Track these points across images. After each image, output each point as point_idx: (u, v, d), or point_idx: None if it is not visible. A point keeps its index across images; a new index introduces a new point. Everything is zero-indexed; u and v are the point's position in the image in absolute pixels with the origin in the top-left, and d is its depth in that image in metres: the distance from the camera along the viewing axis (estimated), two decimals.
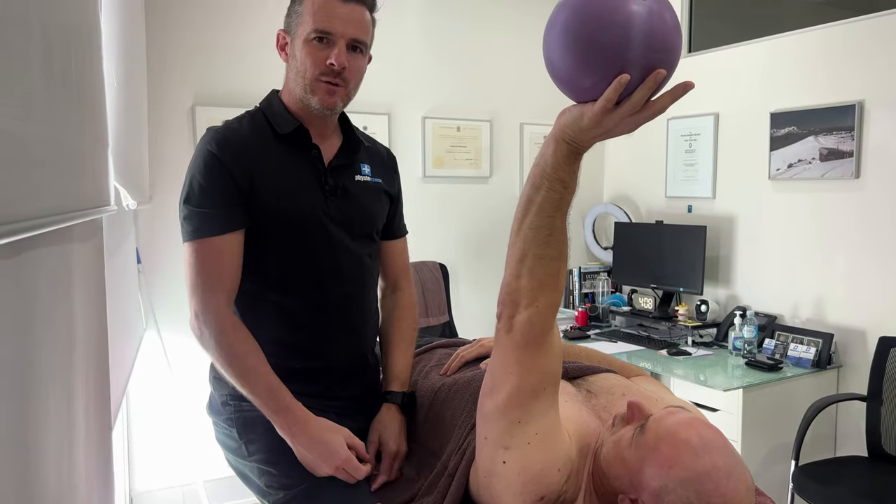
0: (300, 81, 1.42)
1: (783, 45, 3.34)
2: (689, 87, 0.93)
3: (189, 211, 1.38)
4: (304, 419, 1.36)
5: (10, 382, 0.64)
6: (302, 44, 1.39)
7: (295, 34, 1.42)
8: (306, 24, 1.39)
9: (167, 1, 3.13)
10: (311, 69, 1.39)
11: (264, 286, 1.44)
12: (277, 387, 1.36)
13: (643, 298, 3.95)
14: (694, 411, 1.17)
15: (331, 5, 1.38)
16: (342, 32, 1.38)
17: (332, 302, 1.48)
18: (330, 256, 1.46)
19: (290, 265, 1.44)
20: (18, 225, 0.59)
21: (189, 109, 3.21)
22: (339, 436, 1.37)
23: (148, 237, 3.14)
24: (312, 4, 1.39)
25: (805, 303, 3.26)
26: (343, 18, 1.38)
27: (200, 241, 1.36)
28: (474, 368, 1.47)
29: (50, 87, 0.76)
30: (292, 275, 1.45)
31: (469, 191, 4.00)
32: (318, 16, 1.38)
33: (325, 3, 1.38)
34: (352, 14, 1.40)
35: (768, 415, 2.90)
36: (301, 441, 1.35)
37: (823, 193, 3.17)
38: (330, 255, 1.46)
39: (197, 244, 1.37)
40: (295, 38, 1.42)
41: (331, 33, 1.38)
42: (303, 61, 1.40)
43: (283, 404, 1.36)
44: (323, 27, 1.37)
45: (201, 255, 1.36)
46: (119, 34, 1.77)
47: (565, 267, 1.08)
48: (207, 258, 1.36)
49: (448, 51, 3.86)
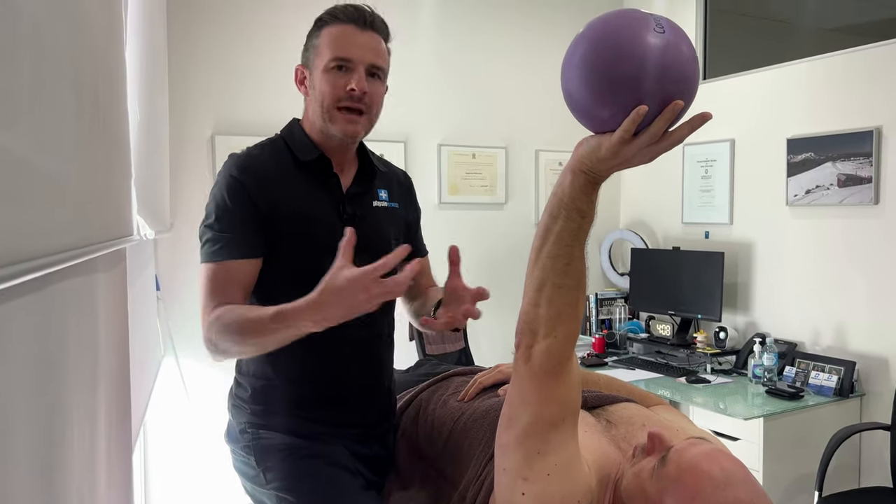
0: (319, 111, 1.44)
1: (798, 71, 3.34)
2: (706, 118, 0.94)
3: (211, 234, 1.39)
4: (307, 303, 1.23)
5: (38, 411, 0.65)
6: (321, 73, 1.42)
7: (313, 66, 1.44)
8: (324, 54, 1.41)
9: (188, 33, 3.20)
10: (329, 96, 1.41)
11: None
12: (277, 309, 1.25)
13: (661, 325, 3.92)
14: (716, 443, 1.16)
15: (349, 34, 1.41)
16: (361, 59, 1.41)
17: (348, 329, 1.49)
18: None
19: (307, 292, 1.45)
20: (49, 259, 0.60)
21: (209, 138, 3.26)
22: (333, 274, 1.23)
23: (167, 265, 3.17)
24: (330, 35, 1.42)
25: (826, 330, 3.22)
26: (361, 46, 1.41)
27: (217, 263, 1.38)
28: (493, 396, 1.46)
29: (80, 124, 0.78)
30: None
31: (484, 217, 4.01)
32: (336, 44, 1.41)
33: (342, 32, 1.41)
34: (369, 42, 1.43)
35: (790, 444, 2.85)
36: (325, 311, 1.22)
37: (842, 219, 3.14)
38: None
39: (213, 266, 1.38)
40: (314, 70, 1.44)
41: (350, 60, 1.40)
42: (321, 90, 1.42)
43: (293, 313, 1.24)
44: (342, 54, 1.40)
45: (216, 277, 1.37)
46: (143, 67, 1.81)
47: (584, 296, 1.08)
48: (221, 280, 1.37)
49: (463, 79, 3.89)
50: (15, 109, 0.54)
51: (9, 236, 0.52)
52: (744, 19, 4.14)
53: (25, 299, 0.61)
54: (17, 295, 0.59)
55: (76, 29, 0.77)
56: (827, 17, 3.71)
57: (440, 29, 3.81)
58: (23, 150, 0.56)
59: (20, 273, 0.52)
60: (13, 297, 0.57)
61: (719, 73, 3.79)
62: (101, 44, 0.94)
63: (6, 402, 0.57)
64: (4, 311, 0.56)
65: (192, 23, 3.21)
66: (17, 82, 0.55)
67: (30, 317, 0.64)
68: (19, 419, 0.60)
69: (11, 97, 0.54)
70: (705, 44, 3.93)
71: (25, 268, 0.53)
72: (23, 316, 0.61)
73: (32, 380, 0.64)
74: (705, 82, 3.82)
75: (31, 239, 0.58)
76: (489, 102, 3.98)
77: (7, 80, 0.53)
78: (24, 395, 0.62)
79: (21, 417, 0.60)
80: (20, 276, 0.52)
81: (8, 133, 0.52)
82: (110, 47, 1.01)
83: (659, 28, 0.92)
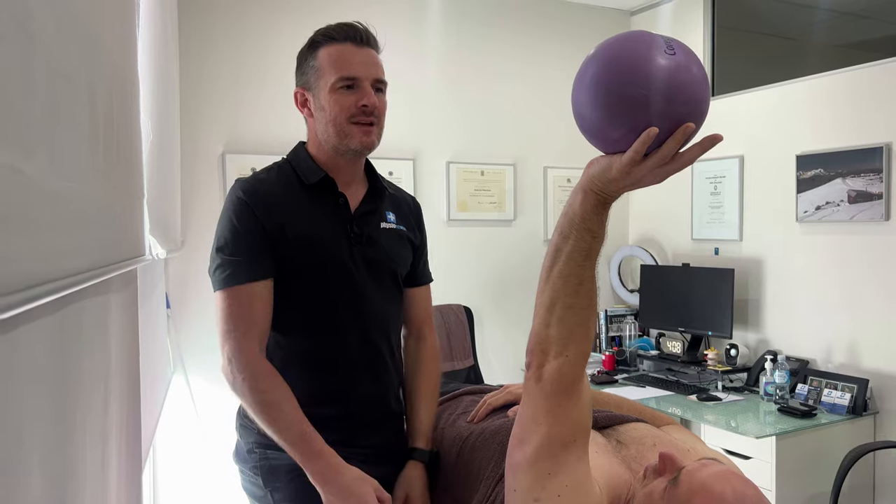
0: (332, 129, 1.45)
1: (807, 87, 3.34)
2: (717, 139, 0.94)
3: (221, 259, 1.40)
4: (337, 467, 1.36)
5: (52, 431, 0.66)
6: (328, 94, 1.43)
7: (316, 88, 1.46)
8: (328, 75, 1.44)
9: (199, 52, 3.23)
10: (342, 114, 1.43)
11: (287, 333, 1.46)
12: (310, 433, 1.36)
13: (671, 342, 3.90)
14: (727, 463, 1.15)
15: (349, 53, 1.44)
16: (366, 75, 1.44)
17: (356, 349, 1.49)
18: (354, 304, 1.48)
19: (314, 312, 1.46)
20: (64, 282, 0.61)
21: (219, 157, 3.29)
22: (370, 487, 1.36)
23: (177, 282, 3.19)
24: (329, 55, 1.44)
25: (838, 347, 3.20)
26: (364, 63, 1.45)
27: (233, 288, 1.39)
28: (502, 416, 1.46)
29: (94, 145, 0.79)
30: (316, 322, 1.46)
31: (493, 234, 4.01)
32: (339, 65, 1.43)
33: (341, 51, 1.44)
34: (370, 58, 1.46)
35: (803, 463, 2.82)
36: (332, 489, 1.34)
37: (853, 236, 3.13)
38: (354, 302, 1.48)
39: (229, 291, 1.39)
40: (318, 91, 1.46)
41: (356, 78, 1.43)
42: (332, 110, 1.44)
43: (316, 450, 1.35)
44: (348, 74, 1.43)
45: (234, 302, 1.38)
46: (155, 86, 1.83)
47: (595, 316, 1.08)
48: (240, 304, 1.38)
49: (471, 96, 3.91)
50: (31, 134, 0.55)
51: (24, 260, 0.53)
52: (751, 36, 4.16)
53: (40, 322, 0.62)
54: (33, 318, 0.59)
55: (90, 50, 0.78)
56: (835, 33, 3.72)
57: (449, 47, 3.84)
58: (38, 174, 0.57)
59: (36, 297, 0.53)
60: (29, 321, 0.58)
61: (728, 90, 3.79)
62: (115, 64, 0.95)
63: (21, 422, 0.57)
64: (21, 333, 0.56)
65: (203, 42, 3.24)
66: (33, 107, 0.56)
67: (44, 338, 0.64)
68: (34, 439, 0.60)
69: (27, 122, 0.54)
70: (713, 61, 3.94)
71: (41, 291, 0.54)
72: (38, 338, 0.62)
73: (47, 401, 0.65)
74: (713, 99, 3.82)
75: (47, 261, 0.59)
76: (497, 119, 3.99)
77: (23, 106, 0.53)
78: (39, 416, 0.62)
79: (36, 437, 0.61)
80: (36, 299, 0.53)
81: (24, 157, 0.53)
82: (124, 67, 1.02)
83: (669, 50, 0.92)
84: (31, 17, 0.55)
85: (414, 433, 1.55)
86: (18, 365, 0.56)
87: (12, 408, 0.55)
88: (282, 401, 1.36)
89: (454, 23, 3.85)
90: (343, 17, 1.56)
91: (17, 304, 0.49)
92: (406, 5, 3.71)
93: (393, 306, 1.58)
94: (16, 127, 0.52)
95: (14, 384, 0.55)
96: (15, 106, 0.51)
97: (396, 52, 3.64)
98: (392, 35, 3.71)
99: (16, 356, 0.56)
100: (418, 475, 1.49)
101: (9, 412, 0.54)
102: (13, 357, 0.55)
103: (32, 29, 0.56)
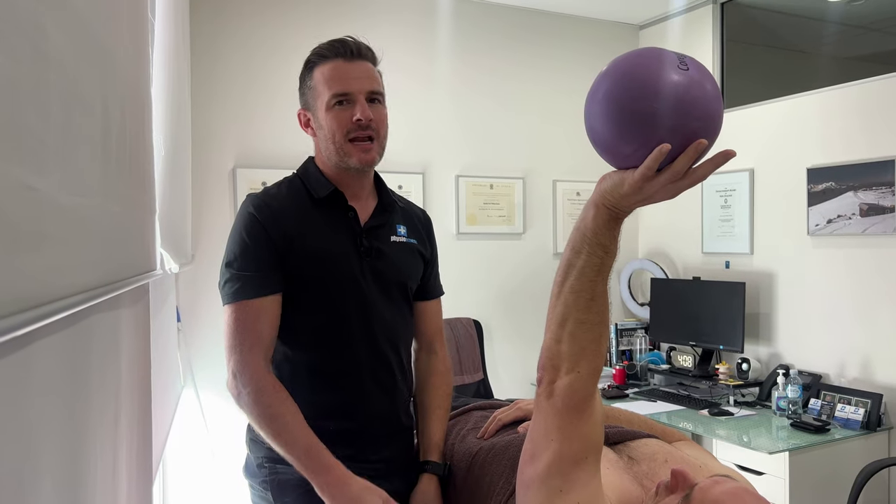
0: (332, 147, 1.46)
1: (817, 100, 3.33)
2: (730, 155, 0.94)
3: (231, 274, 1.41)
4: (344, 479, 1.35)
5: (63, 446, 0.66)
6: (325, 112, 1.44)
7: (315, 107, 1.47)
8: (323, 93, 1.44)
9: (211, 66, 3.26)
10: (339, 132, 1.44)
11: (297, 347, 1.46)
12: (316, 446, 1.36)
13: (682, 356, 3.88)
14: (740, 480, 1.13)
15: (340, 69, 1.44)
16: (359, 89, 1.44)
17: (365, 363, 1.49)
18: (363, 317, 1.48)
19: (324, 326, 1.46)
20: (76, 298, 0.61)
21: (230, 171, 3.31)
22: (378, 497, 1.35)
23: (188, 296, 3.20)
24: (322, 74, 1.45)
25: (851, 361, 3.17)
26: (355, 77, 1.44)
27: (240, 302, 1.39)
28: (512, 432, 1.45)
29: (106, 161, 0.79)
30: (326, 336, 1.46)
31: (502, 247, 4.01)
32: (331, 82, 1.44)
33: (333, 68, 1.44)
34: (361, 70, 1.46)
35: (817, 479, 2.79)
36: (340, 501, 1.34)
37: (866, 249, 3.11)
38: (363, 315, 1.48)
39: (237, 306, 1.39)
40: (316, 111, 1.47)
41: (349, 93, 1.43)
42: (329, 127, 1.45)
43: (323, 464, 1.35)
44: (339, 90, 1.43)
45: (240, 316, 1.39)
46: (167, 101, 1.84)
47: (607, 332, 1.07)
48: (246, 319, 1.39)
49: (480, 110, 3.93)
50: (45, 153, 0.56)
51: (38, 276, 0.53)
52: (760, 50, 4.16)
53: (53, 338, 0.62)
54: (46, 334, 0.59)
55: (104, 68, 0.79)
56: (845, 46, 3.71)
57: (458, 61, 3.85)
58: (52, 191, 0.57)
59: (50, 313, 0.53)
60: (42, 336, 0.58)
61: (737, 103, 3.79)
62: (128, 81, 0.96)
63: (33, 436, 0.57)
64: (34, 349, 0.57)
65: (214, 58, 3.27)
66: (47, 126, 0.57)
67: (57, 354, 0.64)
68: (46, 452, 0.60)
69: (41, 141, 0.55)
70: (722, 74, 3.94)
71: (54, 308, 0.54)
72: (50, 353, 0.62)
73: (59, 416, 0.65)
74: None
75: (60, 277, 0.59)
76: (506, 133, 4.00)
77: (37, 126, 0.54)
78: (50, 430, 0.62)
79: (48, 450, 0.61)
80: (50, 316, 0.53)
81: (38, 175, 0.54)
82: (137, 84, 1.03)
83: (682, 66, 0.92)
84: (45, 37, 0.56)
85: (427, 447, 1.55)
86: (31, 379, 0.57)
87: (24, 421, 0.55)
88: (287, 415, 1.36)
89: (463, 37, 3.87)
90: (353, 34, 1.56)
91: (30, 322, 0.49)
92: (416, 20, 3.74)
93: (402, 320, 1.57)
94: (30, 145, 0.52)
95: (26, 398, 0.56)
96: (29, 124, 0.52)
97: (406, 66, 3.67)
98: (402, 49, 3.76)
99: (29, 370, 0.56)
100: (433, 489, 1.48)
101: (21, 426, 0.54)
102: (26, 371, 0.56)
103: (46, 48, 0.57)
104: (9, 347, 0.50)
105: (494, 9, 3.95)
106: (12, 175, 0.48)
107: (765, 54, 4.14)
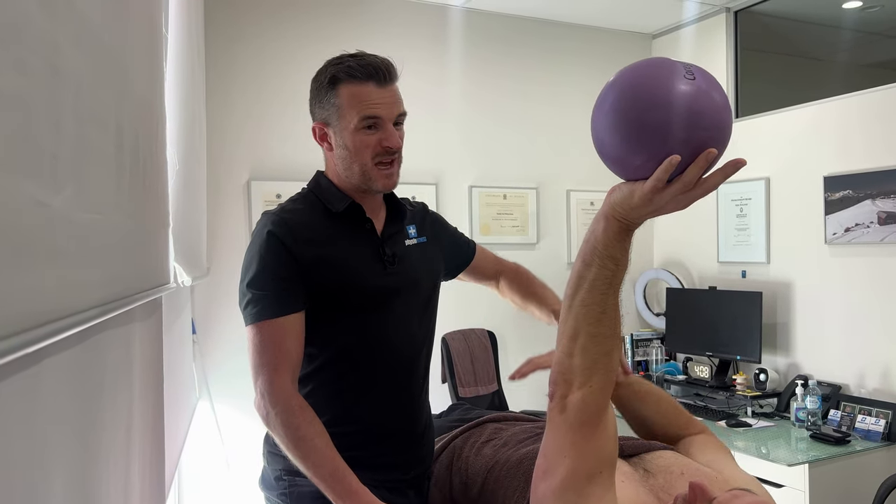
0: (357, 169, 1.44)
1: (833, 108, 3.30)
2: (740, 164, 0.93)
3: (252, 294, 1.39)
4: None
5: (76, 460, 0.66)
6: (351, 134, 1.42)
7: (338, 126, 1.43)
8: (350, 115, 1.41)
9: (226, 79, 3.29)
10: (367, 154, 1.42)
11: (318, 361, 1.45)
12: (343, 470, 1.33)
13: (699, 367, 3.84)
14: (760, 491, 1.12)
15: (370, 93, 1.41)
16: (388, 115, 1.42)
17: (382, 374, 1.48)
18: (388, 329, 1.48)
19: (348, 339, 1.45)
20: (89, 313, 0.61)
21: (245, 184, 3.33)
22: None
23: (203, 308, 3.21)
24: (351, 94, 1.41)
25: (871, 372, 3.12)
26: (386, 102, 1.42)
27: (264, 322, 1.37)
28: (527, 444, 1.44)
29: (120, 177, 0.80)
30: (347, 349, 1.45)
31: (516, 257, 3.95)
32: (361, 106, 1.40)
33: (364, 92, 1.40)
34: (392, 96, 1.43)
35: (838, 492, 2.74)
36: None
37: (884, 258, 3.07)
38: (388, 327, 1.48)
39: (261, 325, 1.38)
40: (340, 130, 1.43)
41: (379, 117, 1.41)
42: (356, 150, 1.42)
43: (350, 489, 1.32)
44: (370, 114, 1.40)
45: (266, 336, 1.37)
46: (182, 115, 1.86)
47: (619, 345, 1.06)
48: (272, 338, 1.37)
49: (493, 121, 3.93)
50: (59, 171, 0.56)
51: (52, 292, 0.53)
52: (775, 57, 4.13)
53: (67, 353, 0.62)
54: (59, 349, 0.60)
55: (118, 84, 0.79)
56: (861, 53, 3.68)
57: (470, 71, 3.86)
58: (66, 208, 0.58)
59: (62, 329, 0.53)
60: (56, 352, 0.58)
61: (752, 112, 3.76)
62: (143, 97, 0.97)
63: (45, 451, 0.57)
64: (48, 364, 0.57)
65: (228, 71, 3.30)
66: (61, 144, 0.57)
67: (69, 369, 0.64)
68: (57, 467, 0.60)
69: (56, 159, 0.55)
70: (736, 82, 3.91)
71: (67, 324, 0.54)
72: (62, 368, 0.62)
73: (71, 430, 0.65)
74: (738, 121, 3.80)
75: (73, 293, 0.59)
76: (519, 143, 4.00)
77: (52, 144, 0.54)
78: (63, 447, 0.62)
79: (59, 465, 0.61)
80: (62, 332, 0.53)
81: (52, 192, 0.54)
82: (151, 100, 1.04)
83: (689, 75, 0.91)
84: (59, 54, 0.56)
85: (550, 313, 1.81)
86: (43, 394, 0.57)
87: (36, 437, 0.55)
88: (315, 437, 1.34)
89: (476, 47, 3.88)
90: (365, 46, 1.56)
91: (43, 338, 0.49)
92: (428, 31, 3.75)
93: (426, 329, 1.58)
94: (44, 161, 0.53)
95: (38, 413, 0.56)
96: (43, 140, 0.52)
97: (419, 78, 3.68)
98: (414, 60, 3.77)
99: (40, 386, 0.56)
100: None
101: (32, 442, 0.54)
102: (38, 386, 0.56)
103: (61, 65, 0.57)
104: (22, 363, 0.50)
105: (507, 19, 3.96)
106: (25, 191, 0.48)
107: (779, 62, 4.12)
